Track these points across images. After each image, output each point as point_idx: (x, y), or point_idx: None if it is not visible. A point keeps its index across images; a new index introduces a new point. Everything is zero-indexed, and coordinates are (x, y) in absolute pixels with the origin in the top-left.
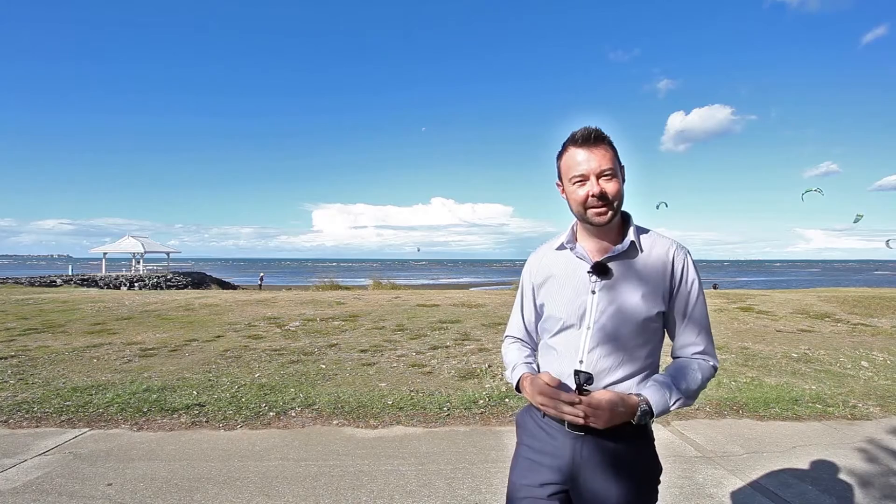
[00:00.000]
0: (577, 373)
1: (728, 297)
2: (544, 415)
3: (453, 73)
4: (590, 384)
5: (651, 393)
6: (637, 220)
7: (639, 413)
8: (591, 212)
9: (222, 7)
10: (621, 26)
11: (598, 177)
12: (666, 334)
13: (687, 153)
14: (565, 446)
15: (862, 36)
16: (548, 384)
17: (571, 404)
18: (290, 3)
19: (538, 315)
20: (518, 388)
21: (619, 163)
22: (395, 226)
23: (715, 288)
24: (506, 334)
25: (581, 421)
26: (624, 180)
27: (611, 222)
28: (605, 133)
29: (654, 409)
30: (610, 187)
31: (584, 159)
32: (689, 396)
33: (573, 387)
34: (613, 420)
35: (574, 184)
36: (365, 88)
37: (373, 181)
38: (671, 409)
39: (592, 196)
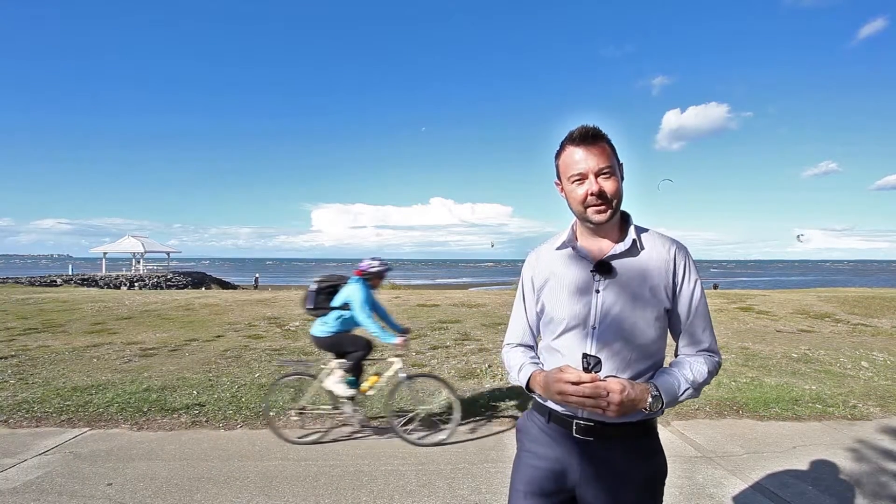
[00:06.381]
0: (585, 356)
1: (728, 297)
2: (549, 420)
3: (453, 73)
4: (598, 369)
5: (660, 381)
6: (634, 219)
7: (650, 399)
8: (590, 210)
9: (222, 6)
10: (614, 22)
11: (597, 175)
12: (669, 333)
13: (682, 151)
14: (572, 452)
15: (859, 30)
16: (567, 371)
17: (581, 384)
18: (290, 1)
19: (539, 316)
20: (528, 388)
21: (618, 161)
22: (395, 225)
23: (715, 288)
24: (506, 341)
25: (593, 406)
26: (622, 178)
27: (610, 220)
28: (603, 131)
29: (664, 396)
30: (608, 185)
31: (582, 158)
32: (696, 388)
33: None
34: (625, 408)
35: (573, 182)
36: (365, 88)
37: (372, 181)
38: (680, 398)
39: (591, 195)
